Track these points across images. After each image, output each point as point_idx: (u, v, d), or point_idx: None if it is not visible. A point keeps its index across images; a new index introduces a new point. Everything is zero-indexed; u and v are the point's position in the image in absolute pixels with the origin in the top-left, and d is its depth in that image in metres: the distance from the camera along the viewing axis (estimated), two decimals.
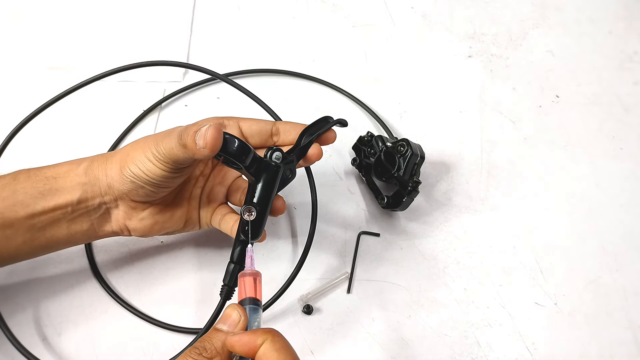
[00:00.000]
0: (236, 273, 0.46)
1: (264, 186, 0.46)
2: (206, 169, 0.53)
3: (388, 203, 0.59)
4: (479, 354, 0.54)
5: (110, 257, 0.58)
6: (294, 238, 0.61)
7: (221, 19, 0.78)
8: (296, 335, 0.55)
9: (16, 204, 0.46)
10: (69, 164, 0.49)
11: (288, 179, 0.48)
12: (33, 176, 0.48)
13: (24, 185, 0.47)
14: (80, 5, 0.78)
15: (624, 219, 0.63)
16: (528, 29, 0.79)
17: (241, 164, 0.44)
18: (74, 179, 0.47)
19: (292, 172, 0.49)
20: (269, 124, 0.52)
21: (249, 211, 0.45)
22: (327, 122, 0.51)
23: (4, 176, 0.48)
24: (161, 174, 0.45)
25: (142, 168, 0.45)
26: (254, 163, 0.45)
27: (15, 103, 0.68)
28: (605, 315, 0.57)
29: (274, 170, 0.46)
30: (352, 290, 0.58)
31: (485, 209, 0.63)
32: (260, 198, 0.46)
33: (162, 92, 0.70)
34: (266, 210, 0.46)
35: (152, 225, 0.50)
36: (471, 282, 0.58)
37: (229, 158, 0.44)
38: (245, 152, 0.44)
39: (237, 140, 0.44)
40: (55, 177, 0.48)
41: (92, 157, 0.49)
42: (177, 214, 0.51)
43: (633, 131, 0.70)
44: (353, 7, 0.81)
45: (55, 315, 0.54)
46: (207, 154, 0.42)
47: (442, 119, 0.70)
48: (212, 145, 0.42)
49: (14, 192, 0.47)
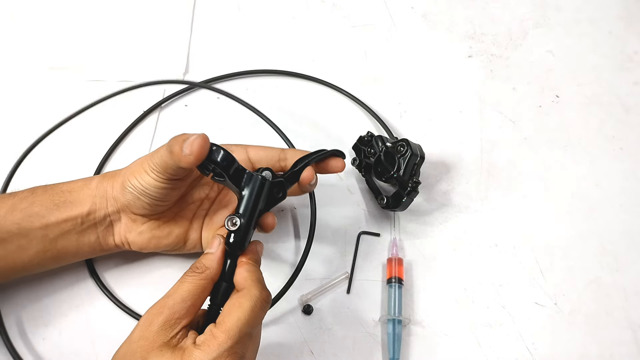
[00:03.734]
0: (225, 292, 0.45)
1: (248, 197, 0.46)
2: (212, 193, 0.55)
3: (388, 203, 0.59)
4: (479, 354, 0.54)
5: (111, 258, 0.58)
6: (295, 238, 0.61)
7: (221, 19, 0.78)
8: (296, 335, 0.55)
9: (32, 214, 0.49)
10: (84, 180, 0.52)
11: (277, 198, 0.49)
12: (50, 190, 0.51)
13: (41, 197, 0.50)
14: (80, 4, 0.78)
15: (624, 219, 0.63)
16: (528, 29, 0.79)
17: (224, 173, 0.45)
18: (86, 192, 0.51)
19: (282, 193, 0.49)
20: (276, 151, 0.53)
21: (231, 220, 0.45)
22: (330, 151, 0.53)
23: (22, 191, 0.51)
24: (155, 184, 0.48)
25: (140, 179, 0.48)
26: (237, 174, 0.46)
27: (15, 103, 0.69)
28: (605, 315, 0.57)
29: (259, 182, 0.47)
30: (352, 291, 0.58)
31: (485, 209, 0.63)
32: (245, 209, 0.46)
33: (162, 93, 0.70)
34: (251, 221, 0.46)
35: (149, 240, 0.52)
36: (471, 282, 0.58)
37: (216, 171, 0.45)
38: (228, 160, 0.45)
39: (222, 150, 0.45)
40: (70, 191, 0.51)
41: (103, 174, 0.53)
42: (175, 232, 0.53)
43: (633, 131, 0.70)
44: (353, 7, 0.80)
45: (55, 315, 0.54)
46: (192, 161, 0.43)
47: (442, 119, 0.70)
48: (198, 153, 0.43)
49: (31, 203, 0.50)
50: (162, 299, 0.43)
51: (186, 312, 0.42)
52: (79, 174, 0.62)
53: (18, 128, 0.66)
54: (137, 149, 0.66)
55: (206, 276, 0.44)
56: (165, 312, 0.41)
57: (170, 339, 0.41)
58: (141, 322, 0.42)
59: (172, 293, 0.43)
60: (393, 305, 0.55)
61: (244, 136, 0.66)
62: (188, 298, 0.42)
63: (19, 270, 0.51)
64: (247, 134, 0.67)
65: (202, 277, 0.44)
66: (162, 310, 0.42)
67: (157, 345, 0.40)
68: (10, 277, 0.52)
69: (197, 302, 0.43)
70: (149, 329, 0.41)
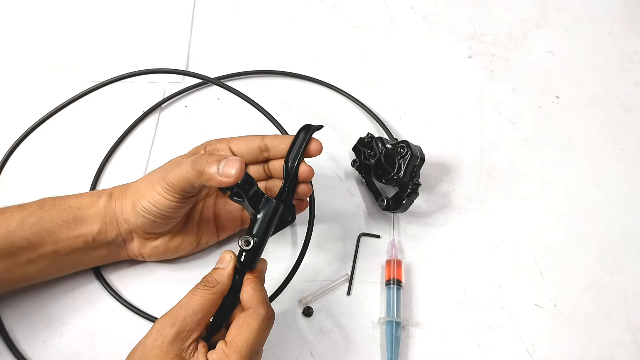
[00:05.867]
0: (230, 306, 0.47)
1: (262, 220, 0.48)
2: (211, 189, 0.56)
3: (388, 205, 0.59)
4: (479, 355, 0.55)
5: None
6: (293, 237, 0.61)
7: (221, 19, 0.78)
8: (296, 337, 0.55)
9: (42, 231, 0.49)
10: (91, 196, 0.52)
11: (287, 221, 0.50)
12: (58, 205, 0.51)
13: (50, 213, 0.50)
14: (80, 4, 0.78)
15: (624, 220, 0.63)
16: (528, 29, 0.79)
17: (245, 194, 0.47)
18: (95, 211, 0.51)
19: (292, 217, 0.51)
20: (256, 140, 0.54)
21: (245, 241, 0.47)
22: (304, 134, 0.53)
23: (31, 203, 0.51)
24: (169, 205, 0.48)
25: (152, 201, 0.48)
26: (255, 197, 0.48)
27: (16, 103, 0.69)
28: (605, 317, 0.57)
29: (273, 206, 0.49)
30: (352, 292, 0.58)
31: (485, 210, 0.63)
32: (258, 230, 0.48)
33: (162, 93, 0.70)
34: (262, 242, 0.48)
35: (164, 252, 0.54)
36: (471, 284, 0.58)
37: (234, 192, 0.47)
38: (249, 184, 0.47)
39: (245, 173, 0.47)
40: (79, 208, 0.51)
41: (110, 190, 0.53)
42: (187, 239, 0.55)
43: (633, 132, 0.70)
44: (353, 7, 0.80)
45: (57, 317, 0.54)
46: (229, 183, 0.45)
47: (442, 119, 0.70)
48: (238, 177, 0.45)
49: (40, 219, 0.49)
50: (174, 310, 0.44)
51: (197, 325, 0.43)
52: (81, 175, 0.63)
53: (18, 128, 0.66)
54: (138, 150, 0.66)
55: (217, 291, 0.45)
56: (178, 324, 0.43)
57: (182, 352, 0.42)
58: (154, 330, 0.43)
59: (184, 305, 0.44)
60: (391, 307, 0.55)
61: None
62: (199, 311, 0.44)
63: (29, 281, 0.52)
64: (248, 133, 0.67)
65: (213, 292, 0.45)
66: (174, 321, 0.43)
67: (170, 357, 0.42)
68: (19, 286, 0.53)
69: (207, 316, 0.45)
70: (163, 339, 0.42)
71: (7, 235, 0.48)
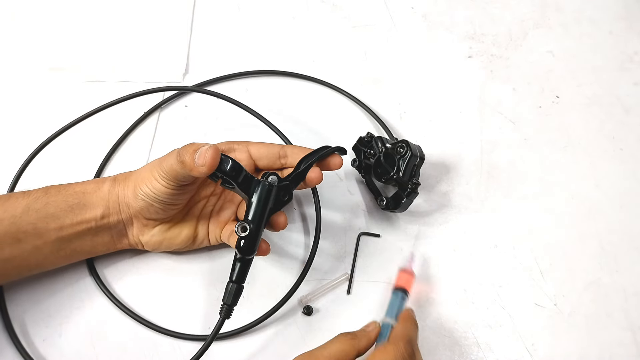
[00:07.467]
0: (236, 293, 0.48)
1: (257, 204, 0.48)
2: (217, 189, 0.57)
3: (387, 204, 0.59)
4: (479, 355, 0.55)
5: (111, 259, 0.58)
6: (298, 236, 0.61)
7: (221, 19, 0.78)
8: (296, 336, 0.55)
9: (47, 216, 0.50)
10: (95, 182, 0.53)
11: (284, 201, 0.51)
12: (63, 190, 0.52)
13: (55, 198, 0.51)
14: (80, 4, 0.78)
15: (624, 220, 0.63)
16: (528, 29, 0.79)
17: (233, 181, 0.47)
18: (100, 195, 0.52)
19: (289, 196, 0.51)
20: (276, 147, 0.55)
21: (242, 227, 0.47)
22: (330, 149, 0.54)
23: (36, 190, 0.52)
24: (165, 191, 0.49)
25: (150, 186, 0.49)
26: (245, 181, 0.48)
27: (16, 104, 0.69)
28: (605, 316, 0.57)
29: (266, 189, 0.49)
30: (352, 291, 0.58)
31: (485, 210, 0.63)
32: (254, 215, 0.48)
33: (162, 93, 0.70)
34: (260, 226, 0.48)
35: (161, 242, 0.54)
36: (471, 283, 0.58)
37: (224, 179, 0.47)
38: (236, 170, 0.47)
39: (230, 160, 0.47)
40: (84, 193, 0.52)
41: (114, 177, 0.54)
42: (184, 232, 0.55)
43: (633, 132, 0.70)
44: (353, 7, 0.80)
45: (56, 316, 0.55)
46: (204, 172, 0.46)
47: (442, 119, 0.70)
48: (210, 165, 0.45)
49: (45, 204, 0.50)
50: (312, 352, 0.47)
51: None
52: (81, 174, 0.63)
53: (19, 128, 0.66)
54: (138, 150, 0.66)
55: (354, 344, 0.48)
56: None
57: None
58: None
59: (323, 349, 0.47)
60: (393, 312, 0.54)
61: (245, 137, 0.66)
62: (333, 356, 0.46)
63: (33, 269, 0.53)
64: (248, 134, 0.67)
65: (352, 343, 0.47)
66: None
67: None
68: (24, 275, 0.53)
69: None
70: None
71: (13, 220, 0.49)
